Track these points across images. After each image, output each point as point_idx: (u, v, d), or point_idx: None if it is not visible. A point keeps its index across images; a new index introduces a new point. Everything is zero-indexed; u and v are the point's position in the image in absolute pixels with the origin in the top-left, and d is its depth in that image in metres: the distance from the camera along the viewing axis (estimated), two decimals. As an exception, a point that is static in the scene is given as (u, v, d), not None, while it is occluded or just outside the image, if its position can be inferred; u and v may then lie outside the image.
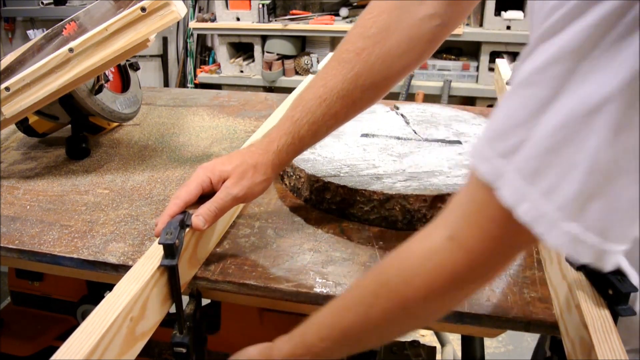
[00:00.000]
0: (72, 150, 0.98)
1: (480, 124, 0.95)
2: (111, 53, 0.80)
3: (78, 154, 0.98)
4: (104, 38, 0.79)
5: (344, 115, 0.65)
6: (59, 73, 0.81)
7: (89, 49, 0.80)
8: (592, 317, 0.47)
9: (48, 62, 0.80)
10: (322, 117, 0.63)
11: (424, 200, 0.69)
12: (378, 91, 0.65)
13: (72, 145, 0.98)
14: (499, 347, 1.93)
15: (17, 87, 0.81)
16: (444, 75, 2.77)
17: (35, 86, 0.81)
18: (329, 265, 0.65)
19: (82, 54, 0.80)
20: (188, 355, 0.60)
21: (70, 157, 0.98)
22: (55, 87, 0.81)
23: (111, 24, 0.79)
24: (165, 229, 0.57)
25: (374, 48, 0.62)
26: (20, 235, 0.73)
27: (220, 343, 1.10)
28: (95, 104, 0.94)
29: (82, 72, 0.81)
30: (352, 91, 0.63)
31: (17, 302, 1.30)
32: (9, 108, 0.82)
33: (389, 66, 0.63)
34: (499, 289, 0.60)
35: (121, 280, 0.54)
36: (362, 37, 0.63)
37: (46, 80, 0.81)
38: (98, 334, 0.47)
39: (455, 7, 0.63)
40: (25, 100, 0.82)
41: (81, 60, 0.80)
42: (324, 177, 0.75)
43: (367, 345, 0.52)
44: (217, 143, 1.04)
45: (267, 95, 1.35)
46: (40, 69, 0.80)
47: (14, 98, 0.82)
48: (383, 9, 0.63)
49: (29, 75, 0.81)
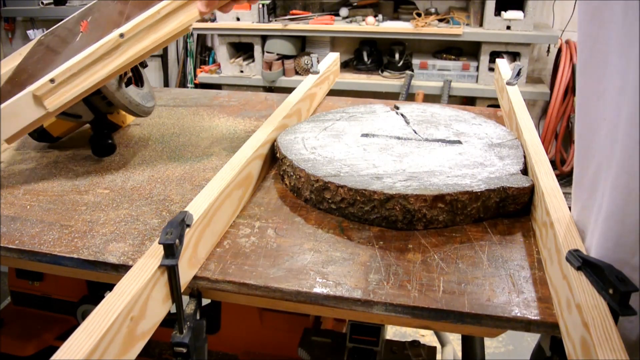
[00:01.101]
0: (99, 147, 0.97)
1: (480, 124, 0.95)
2: (162, 36, 0.79)
3: (105, 151, 0.97)
4: (155, 21, 0.78)
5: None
6: (108, 60, 0.79)
7: (139, 33, 0.78)
8: (592, 317, 0.47)
9: (97, 50, 0.78)
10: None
11: (424, 200, 0.69)
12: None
13: (98, 142, 0.97)
14: (499, 347, 1.93)
15: (63, 78, 0.78)
16: (444, 75, 2.77)
17: (83, 75, 0.79)
18: (329, 265, 0.65)
19: (132, 39, 0.79)
20: (188, 355, 0.60)
21: (97, 155, 0.97)
22: (104, 74, 0.79)
23: (164, 7, 0.78)
24: (166, 228, 0.57)
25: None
26: (20, 235, 0.73)
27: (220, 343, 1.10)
28: (123, 97, 0.93)
29: (132, 58, 0.79)
30: None
31: (17, 302, 1.30)
32: (53, 101, 0.79)
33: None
34: (499, 289, 0.60)
35: (121, 280, 0.54)
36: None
37: (94, 68, 0.79)
38: (98, 334, 0.47)
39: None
40: (71, 91, 0.79)
41: (131, 45, 0.79)
42: (324, 177, 0.75)
43: None
44: (217, 143, 1.04)
45: (267, 95, 1.36)
46: (89, 57, 0.78)
47: (58, 90, 0.79)
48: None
49: (76, 65, 0.78)
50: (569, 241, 0.57)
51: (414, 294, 0.59)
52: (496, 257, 0.66)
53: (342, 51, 3.10)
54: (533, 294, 0.59)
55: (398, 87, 2.79)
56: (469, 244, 0.69)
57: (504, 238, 0.70)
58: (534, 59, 2.90)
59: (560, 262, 0.56)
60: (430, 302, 0.58)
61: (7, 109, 0.79)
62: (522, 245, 0.68)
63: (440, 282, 0.61)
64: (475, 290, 0.60)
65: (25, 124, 0.81)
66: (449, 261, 0.65)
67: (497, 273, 0.63)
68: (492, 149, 0.84)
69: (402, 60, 2.86)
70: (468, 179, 0.74)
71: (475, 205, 0.72)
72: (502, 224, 0.73)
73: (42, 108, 0.80)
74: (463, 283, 0.61)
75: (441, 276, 0.62)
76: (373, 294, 0.59)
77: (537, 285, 0.60)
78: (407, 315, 0.58)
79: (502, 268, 0.64)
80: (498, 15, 2.59)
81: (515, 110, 0.98)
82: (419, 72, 2.80)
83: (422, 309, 0.58)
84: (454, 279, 0.62)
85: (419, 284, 0.61)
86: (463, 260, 0.65)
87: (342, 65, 3.01)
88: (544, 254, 0.65)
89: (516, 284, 0.61)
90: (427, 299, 0.58)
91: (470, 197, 0.71)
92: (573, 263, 0.53)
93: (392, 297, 0.59)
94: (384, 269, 0.64)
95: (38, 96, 0.79)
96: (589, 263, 0.51)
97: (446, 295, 0.59)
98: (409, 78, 2.76)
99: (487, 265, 0.64)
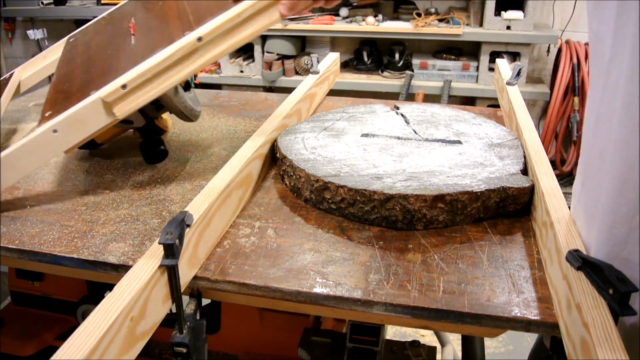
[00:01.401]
0: (152, 154, 0.93)
1: (480, 124, 0.95)
2: (240, 40, 0.76)
3: (158, 157, 0.94)
4: (235, 25, 0.75)
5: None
6: (184, 64, 0.76)
7: (218, 37, 0.76)
8: (592, 317, 0.47)
9: (173, 54, 0.75)
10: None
11: (424, 200, 0.69)
12: None
13: (150, 149, 0.93)
14: (499, 347, 1.93)
15: (136, 84, 0.75)
16: (444, 75, 2.77)
17: (156, 81, 0.75)
18: (329, 265, 0.65)
19: (210, 43, 0.76)
20: (188, 355, 0.60)
21: (150, 162, 0.94)
22: (178, 80, 0.76)
23: (244, 10, 0.75)
24: (166, 228, 0.57)
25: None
26: (20, 235, 0.73)
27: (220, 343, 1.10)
28: (180, 102, 0.89)
29: (207, 62, 0.77)
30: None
31: (17, 302, 1.30)
32: (123, 107, 0.75)
33: None
34: (499, 289, 0.60)
35: (121, 280, 0.54)
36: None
37: (169, 73, 0.76)
38: (98, 334, 0.47)
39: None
40: (142, 97, 0.75)
41: (209, 49, 0.76)
42: (324, 177, 0.75)
43: None
44: (217, 143, 1.04)
45: (267, 95, 1.36)
46: (164, 62, 0.75)
47: (129, 96, 0.75)
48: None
49: (149, 70, 0.74)
50: (569, 241, 0.57)
51: (414, 294, 0.59)
52: (496, 257, 0.66)
53: (342, 51, 3.10)
54: (533, 294, 0.59)
55: (398, 87, 2.79)
56: (469, 244, 0.69)
57: (504, 238, 0.70)
58: (534, 59, 2.90)
59: (560, 262, 0.56)
60: (430, 302, 0.58)
61: (73, 116, 0.74)
62: (522, 245, 0.68)
63: (440, 282, 0.61)
64: (475, 290, 0.60)
65: (91, 131, 0.76)
66: (449, 261, 0.65)
67: (497, 273, 0.63)
68: (492, 149, 0.84)
69: (402, 60, 2.86)
70: (468, 179, 0.74)
71: (475, 205, 0.72)
72: (502, 224, 0.73)
73: (111, 115, 0.76)
74: (463, 283, 0.61)
75: (441, 276, 0.62)
76: (373, 294, 0.59)
77: (537, 285, 0.60)
78: (407, 315, 0.58)
79: (502, 268, 0.64)
80: (498, 15, 2.59)
81: (515, 110, 0.98)
82: (419, 72, 2.80)
83: (422, 309, 0.58)
84: (454, 279, 0.62)
85: (419, 284, 0.61)
86: (463, 260, 0.65)
87: (342, 65, 3.01)
88: (544, 254, 0.65)
89: (516, 284, 0.61)
90: (427, 299, 0.58)
91: (470, 197, 0.71)
92: (573, 263, 0.53)
93: (392, 297, 0.59)
94: (384, 269, 0.64)
95: (108, 102, 0.74)
96: (589, 263, 0.51)
97: (446, 295, 0.59)
98: (409, 78, 2.76)
99: (487, 265, 0.64)
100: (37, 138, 0.74)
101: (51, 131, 0.74)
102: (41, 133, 0.74)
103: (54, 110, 0.78)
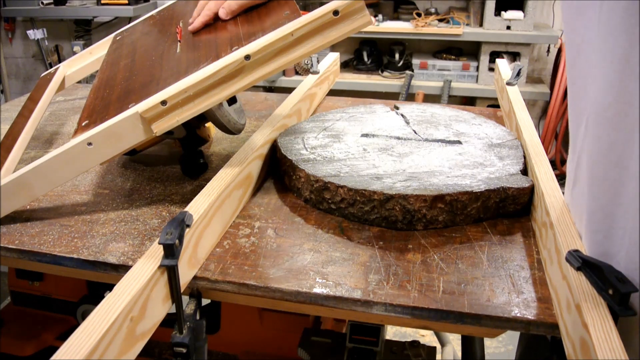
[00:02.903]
0: (191, 167, 0.89)
1: (480, 124, 0.95)
2: (290, 61, 0.71)
3: (197, 171, 0.89)
4: (286, 44, 0.70)
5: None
6: (228, 83, 0.71)
7: (267, 55, 0.70)
8: (592, 317, 0.47)
9: (219, 71, 0.70)
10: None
11: (424, 200, 0.69)
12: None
13: (190, 162, 0.89)
14: (499, 347, 1.93)
15: (177, 101, 0.70)
16: (444, 75, 2.77)
17: (198, 99, 0.71)
18: (329, 265, 0.65)
19: (258, 61, 0.70)
20: (188, 355, 0.60)
21: (188, 175, 0.89)
22: (220, 98, 0.71)
23: (297, 29, 0.69)
24: (165, 228, 0.57)
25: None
26: (20, 235, 0.73)
27: (220, 343, 1.10)
28: (223, 116, 0.83)
29: (253, 82, 0.71)
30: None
31: (17, 302, 1.30)
32: (162, 124, 0.71)
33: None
34: (499, 289, 0.60)
35: (121, 280, 0.54)
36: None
37: (213, 91, 0.71)
38: (98, 334, 0.47)
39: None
40: (182, 115, 0.71)
41: (255, 68, 0.70)
42: (324, 177, 0.75)
43: None
44: (217, 143, 1.04)
45: (267, 95, 1.36)
46: (208, 79, 0.70)
47: (169, 113, 0.71)
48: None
49: (192, 87, 0.70)
50: (568, 241, 0.57)
51: (414, 294, 0.59)
52: (496, 258, 0.66)
53: (342, 51, 3.10)
54: (533, 294, 0.59)
55: (398, 87, 2.79)
56: (469, 244, 0.69)
57: (503, 238, 0.70)
58: (534, 59, 2.90)
59: (560, 262, 0.56)
60: (430, 302, 0.58)
61: (109, 130, 0.71)
62: (522, 246, 0.68)
63: (440, 282, 0.61)
64: (475, 290, 0.60)
65: (127, 146, 0.73)
66: (448, 261, 0.65)
67: (497, 273, 0.63)
68: (492, 149, 0.84)
69: (402, 60, 2.86)
70: (468, 179, 0.74)
71: (475, 206, 0.72)
72: (502, 224, 0.73)
73: (149, 131, 0.72)
74: (463, 283, 0.61)
75: (441, 276, 0.62)
76: (373, 294, 0.59)
77: (536, 285, 0.61)
78: (407, 316, 0.58)
79: (502, 268, 0.64)
80: (498, 15, 2.60)
81: (515, 110, 0.98)
82: (419, 72, 2.80)
83: (422, 309, 0.58)
84: (454, 279, 0.62)
85: (418, 284, 0.61)
86: (463, 261, 0.65)
87: (342, 65, 3.01)
88: (544, 254, 0.65)
89: (516, 284, 0.61)
90: (427, 299, 0.58)
91: (470, 197, 0.71)
92: (573, 263, 0.53)
93: (392, 297, 0.59)
94: (383, 269, 0.64)
95: (146, 118, 0.71)
96: (589, 263, 0.51)
97: (446, 295, 0.59)
98: (409, 78, 2.76)
99: (487, 266, 0.64)
100: (71, 150, 0.71)
101: (86, 144, 0.71)
102: (75, 145, 0.71)
103: (90, 120, 0.75)
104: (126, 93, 0.78)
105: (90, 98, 0.85)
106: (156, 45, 0.93)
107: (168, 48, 0.88)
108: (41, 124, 1.15)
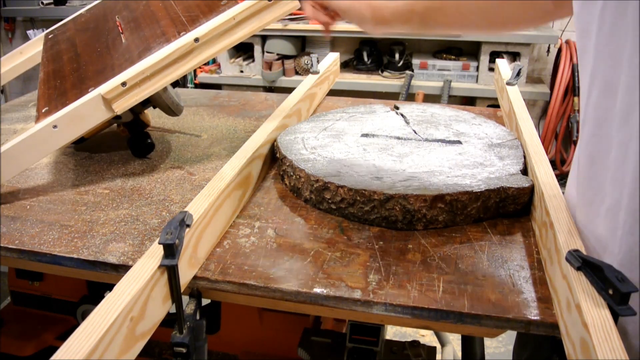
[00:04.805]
0: (139, 147, 0.97)
1: (480, 124, 0.95)
2: (233, 41, 0.82)
3: (146, 150, 0.98)
4: (230, 27, 0.82)
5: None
6: (180, 63, 0.81)
7: (213, 38, 0.81)
8: (592, 317, 0.47)
9: (172, 53, 0.80)
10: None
11: (424, 200, 0.69)
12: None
13: (138, 143, 0.97)
14: (499, 347, 1.93)
15: (135, 82, 0.79)
16: (444, 75, 2.77)
17: (154, 78, 0.80)
18: (329, 265, 0.65)
19: (206, 43, 0.81)
20: (188, 355, 0.60)
21: (137, 155, 0.98)
22: (173, 78, 0.81)
23: (239, 13, 0.81)
24: (165, 228, 0.57)
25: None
26: (20, 235, 0.73)
27: (220, 343, 1.10)
28: (168, 98, 0.94)
29: (202, 62, 0.82)
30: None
31: (17, 302, 1.30)
32: (122, 104, 0.79)
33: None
34: (499, 289, 0.60)
35: (121, 280, 0.54)
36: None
37: (166, 71, 0.81)
38: (98, 334, 0.47)
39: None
40: (139, 94, 0.80)
41: (204, 49, 0.82)
42: (324, 177, 0.75)
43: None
44: (217, 143, 1.04)
45: (267, 95, 1.36)
46: (163, 61, 0.80)
47: (128, 93, 0.79)
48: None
49: (149, 68, 0.79)
50: (568, 241, 0.57)
51: (414, 294, 0.59)
52: (496, 257, 0.66)
53: (342, 51, 3.10)
54: (533, 294, 0.59)
55: (398, 87, 2.79)
56: (469, 244, 0.69)
57: (504, 238, 0.70)
58: (534, 59, 2.90)
59: (560, 262, 0.56)
60: (430, 302, 0.58)
61: (73, 112, 0.78)
62: (522, 246, 0.68)
63: (440, 282, 0.61)
64: (475, 290, 0.60)
65: (89, 126, 0.80)
66: (448, 261, 0.65)
67: (497, 273, 0.63)
68: (492, 149, 0.84)
69: (402, 60, 2.86)
70: (468, 179, 0.74)
71: (475, 206, 0.72)
72: (502, 224, 0.73)
73: (110, 111, 0.80)
74: (463, 283, 0.61)
75: (441, 276, 0.62)
76: (373, 294, 0.59)
77: (537, 285, 0.60)
78: (407, 316, 0.58)
79: (502, 268, 0.64)
80: (498, 15, 2.59)
81: (515, 110, 0.98)
82: (419, 72, 2.79)
83: (422, 309, 0.58)
84: (454, 279, 0.62)
85: (418, 284, 0.61)
86: (463, 261, 0.65)
87: (342, 65, 3.01)
88: (544, 254, 0.65)
89: (516, 284, 0.61)
90: (427, 299, 0.58)
91: (470, 197, 0.71)
92: (573, 263, 0.53)
93: (392, 297, 0.59)
94: (384, 269, 0.64)
95: (107, 99, 0.78)
96: (589, 263, 0.51)
97: (446, 295, 0.59)
98: (409, 78, 2.76)
99: (487, 266, 0.64)
100: (38, 133, 0.77)
101: (51, 126, 0.77)
102: (41, 128, 0.77)
103: (51, 107, 0.81)
104: (80, 80, 0.86)
105: (42, 89, 0.91)
106: (98, 38, 1.01)
107: (113, 40, 0.96)
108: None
